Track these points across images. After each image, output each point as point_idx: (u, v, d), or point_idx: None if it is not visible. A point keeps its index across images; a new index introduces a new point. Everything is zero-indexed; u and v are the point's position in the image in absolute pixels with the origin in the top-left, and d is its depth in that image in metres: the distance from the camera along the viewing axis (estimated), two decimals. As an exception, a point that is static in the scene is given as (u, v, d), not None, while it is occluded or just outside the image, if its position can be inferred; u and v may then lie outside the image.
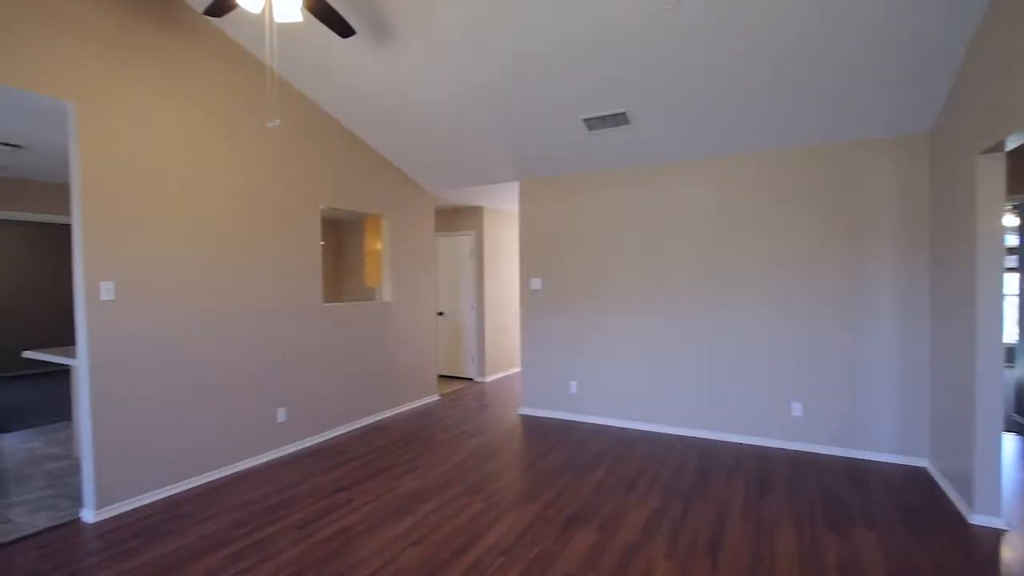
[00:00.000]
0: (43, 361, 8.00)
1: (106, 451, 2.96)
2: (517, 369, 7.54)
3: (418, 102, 3.98)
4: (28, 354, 3.77)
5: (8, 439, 4.53)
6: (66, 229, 8.24)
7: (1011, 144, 2.45)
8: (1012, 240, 5.46)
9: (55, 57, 2.71)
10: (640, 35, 2.99)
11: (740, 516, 2.90)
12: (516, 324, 7.51)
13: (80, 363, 2.90)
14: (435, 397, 5.80)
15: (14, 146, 3.62)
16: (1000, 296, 2.68)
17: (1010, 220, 5.46)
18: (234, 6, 2.50)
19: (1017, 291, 4.81)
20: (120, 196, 3.00)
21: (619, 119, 3.81)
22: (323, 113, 4.32)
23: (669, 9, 2.61)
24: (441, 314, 7.13)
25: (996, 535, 2.65)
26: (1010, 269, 5.19)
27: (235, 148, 3.64)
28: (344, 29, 2.75)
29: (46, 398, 6.20)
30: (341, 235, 7.64)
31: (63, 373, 7.93)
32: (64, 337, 8.12)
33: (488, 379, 6.82)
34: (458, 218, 6.96)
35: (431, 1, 2.97)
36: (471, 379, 6.90)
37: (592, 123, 3.91)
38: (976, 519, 2.76)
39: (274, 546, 2.61)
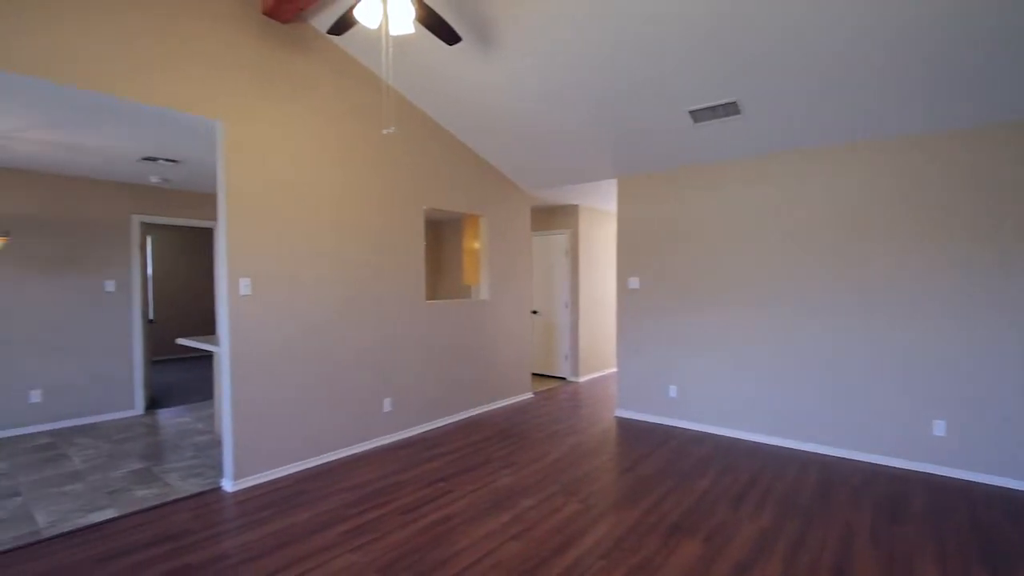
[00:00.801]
0: (191, 347, 9.19)
1: (242, 430, 3.33)
2: (612, 370, 7.40)
3: (515, 102, 4.03)
4: (181, 341, 4.35)
5: (164, 413, 5.26)
6: (206, 232, 9.40)
7: None
8: None
9: (208, 81, 3.09)
10: (755, 16, 2.79)
11: (869, 543, 2.60)
12: (611, 324, 7.37)
13: (223, 352, 3.29)
14: (529, 395, 5.85)
15: (174, 161, 4.19)
16: None
17: None
18: (354, 23, 2.69)
19: None
20: (254, 202, 3.36)
21: (729, 109, 3.59)
22: (426, 117, 4.53)
23: None
24: (535, 313, 7.18)
25: None
26: None
27: (349, 155, 3.92)
28: (451, 36, 2.85)
29: (194, 379, 7.12)
30: (438, 235, 7.97)
31: (207, 358, 9.07)
32: (203, 327, 9.27)
33: (582, 379, 6.75)
34: (553, 217, 6.97)
35: (529, 1, 2.99)
36: (564, 378, 6.88)
37: (699, 115, 3.72)
38: None
39: (384, 527, 2.78)
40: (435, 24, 2.74)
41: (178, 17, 2.96)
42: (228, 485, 3.30)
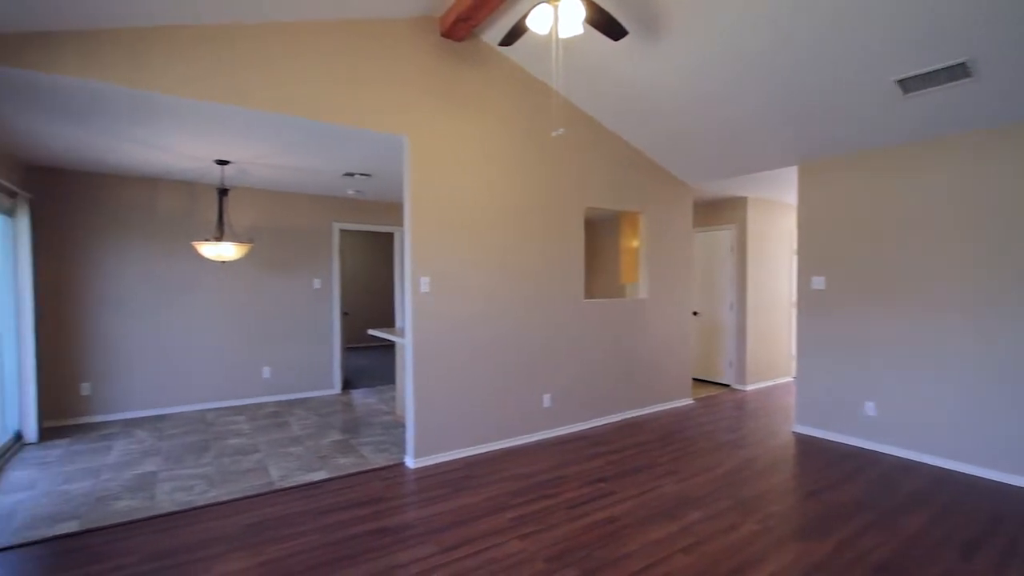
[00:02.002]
0: (377, 336, 10.50)
1: (422, 414, 3.69)
2: (787, 379, 6.65)
3: (682, 91, 3.83)
4: (372, 332, 4.98)
5: (355, 394, 6.08)
6: (388, 236, 10.62)
7: None
8: None
9: (395, 101, 3.49)
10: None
11: None
12: (785, 327, 6.62)
13: (407, 343, 3.69)
14: (689, 401, 5.54)
15: (367, 175, 4.83)
16: None
17: None
18: (524, 31, 2.80)
19: None
20: (433, 207, 3.70)
21: (954, 72, 2.97)
22: (587, 118, 4.54)
23: None
24: (696, 314, 6.77)
25: None
26: None
27: (516, 160, 4.11)
28: (618, 31, 2.81)
29: (376, 365, 8.12)
30: (592, 233, 7.94)
31: (387, 346, 10.28)
32: (383, 320, 10.50)
33: (748, 387, 6.19)
34: (717, 211, 6.49)
35: (707, -18, 2.81)
36: (728, 385, 6.37)
37: (910, 84, 3.14)
38: None
39: (549, 519, 2.86)
40: (602, 21, 2.73)
41: (369, 48, 3.38)
42: (410, 462, 3.69)
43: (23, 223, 4.13)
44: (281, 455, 3.94)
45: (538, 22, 2.51)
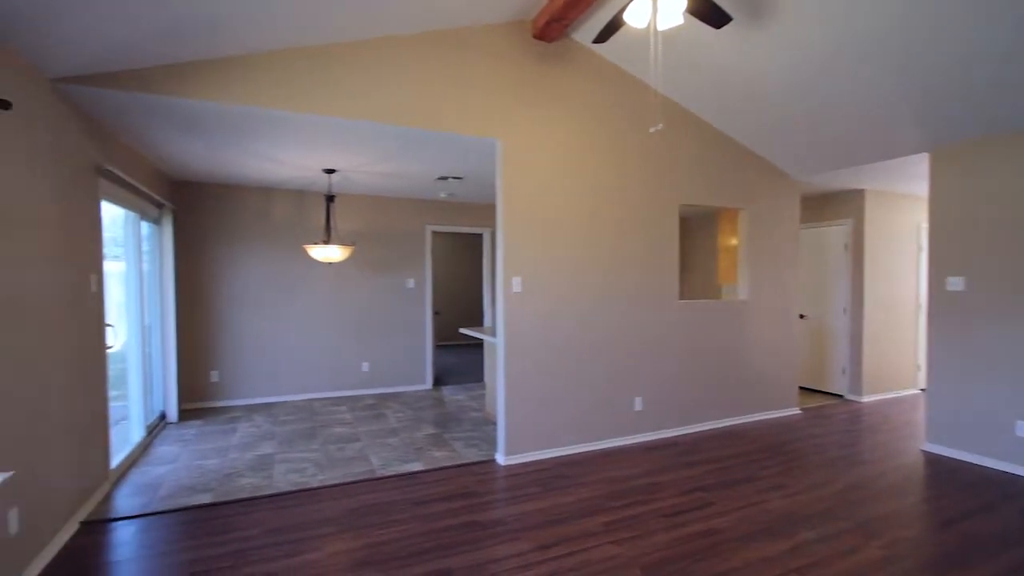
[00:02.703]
0: (463, 335, 10.82)
1: (513, 412, 3.73)
2: (912, 391, 5.95)
3: (790, 75, 3.55)
4: (463, 330, 5.12)
5: (445, 390, 6.29)
6: (476, 237, 10.89)
7: None
8: None
9: (487, 105, 3.56)
10: None
11: None
12: (910, 333, 5.93)
13: (499, 342, 3.75)
14: (795, 410, 5.12)
15: (459, 178, 4.98)
16: None
17: None
18: (620, 26, 2.74)
19: None
20: (524, 208, 3.72)
21: None
22: (684, 112, 4.36)
23: None
24: (803, 317, 6.25)
25: None
26: None
27: (607, 158, 4.03)
28: (720, 18, 2.66)
29: (464, 363, 8.35)
30: (685, 231, 7.61)
31: (475, 345, 10.54)
32: (471, 319, 10.77)
33: (865, 399, 5.60)
34: (828, 205, 5.95)
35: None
36: (840, 396, 5.82)
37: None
38: None
39: (644, 526, 2.76)
40: (704, 9, 2.59)
41: (463, 56, 3.47)
42: (501, 459, 3.75)
43: (167, 230, 4.73)
44: (380, 445, 4.16)
45: (636, 15, 2.44)
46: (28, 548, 2.27)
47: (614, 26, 2.74)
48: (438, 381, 6.77)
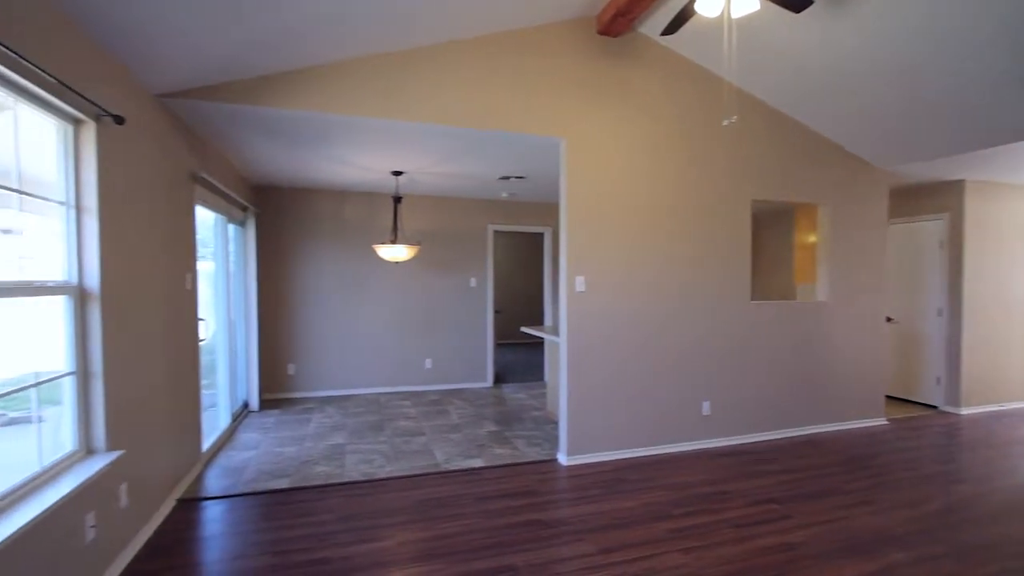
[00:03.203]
0: (524, 333, 10.86)
1: (575, 413, 3.70)
2: (1022, 404, 5.35)
3: (877, 62, 3.28)
4: (525, 329, 5.14)
5: (506, 388, 6.33)
6: (537, 236, 10.90)
7: None
8: None
9: (552, 104, 3.54)
10: None
11: None
12: (1020, 339, 5.33)
13: (561, 341, 3.73)
14: (881, 420, 4.74)
15: (521, 178, 5.00)
16: None
17: None
18: (691, 16, 2.64)
19: None
20: (588, 206, 3.68)
21: None
22: (757, 103, 4.14)
23: None
24: (890, 320, 5.77)
25: None
26: None
27: (675, 154, 3.91)
28: (801, 1, 2.50)
29: (524, 362, 8.38)
30: (757, 229, 7.23)
31: (534, 344, 10.56)
32: (531, 318, 10.79)
33: (964, 411, 5.09)
34: (921, 198, 5.46)
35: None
36: (934, 407, 5.32)
37: None
38: None
39: (713, 536, 2.65)
40: (784, -8, 2.45)
41: (527, 55, 3.47)
42: (563, 459, 3.73)
43: (251, 232, 5.07)
44: (443, 440, 4.26)
45: (707, 4, 2.34)
46: (136, 520, 2.52)
47: (684, 16, 2.65)
48: (499, 379, 6.83)
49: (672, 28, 2.79)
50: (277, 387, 5.68)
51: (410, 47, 3.19)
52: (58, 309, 2.10)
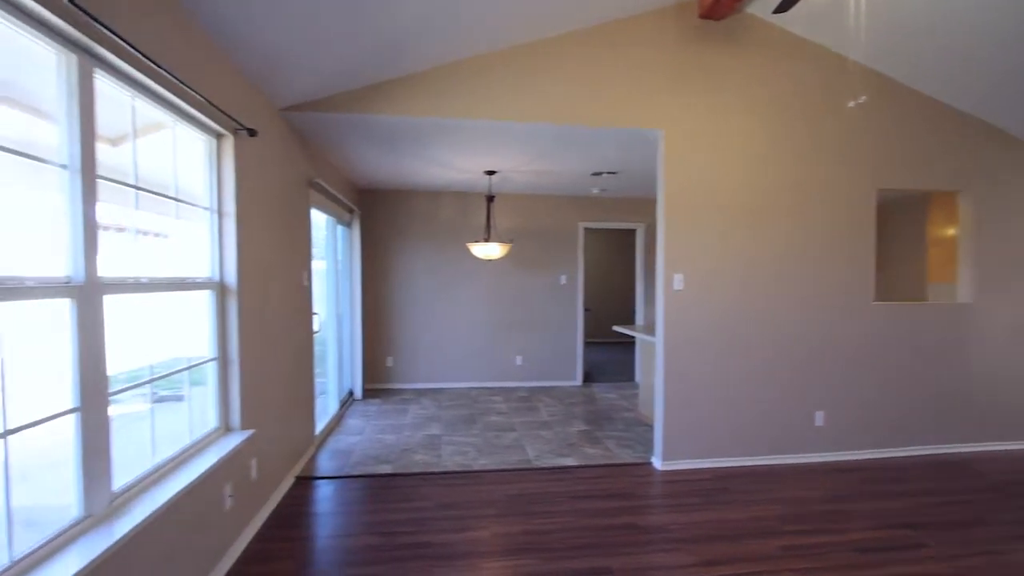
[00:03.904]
0: (615, 331, 10.67)
1: (671, 416, 3.55)
2: None
3: (1049, 22, 2.80)
4: (617, 328, 5.03)
5: (596, 387, 6.24)
6: (630, 233, 10.64)
7: None
8: None
9: (649, 95, 3.42)
10: None
11: None
12: None
13: (657, 341, 3.59)
14: (1041, 443, 4.07)
15: (613, 173, 4.89)
16: None
17: None
18: (809, -11, 2.42)
19: None
20: (687, 201, 3.51)
21: None
22: (882, 80, 3.71)
23: None
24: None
25: None
26: None
27: (785, 142, 3.62)
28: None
29: (614, 361, 8.21)
30: (882, 221, 6.48)
31: (625, 343, 10.32)
32: (622, 316, 10.55)
33: None
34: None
35: None
36: (1114, 430, 4.46)
37: None
38: None
39: (835, 560, 2.42)
40: (925, -48, 2.16)
41: (624, 46, 3.37)
42: (657, 463, 3.60)
43: (356, 232, 5.43)
44: (534, 436, 4.28)
45: (831, -27, 2.13)
46: (263, 493, 2.79)
47: (802, -9, 2.43)
48: (588, 378, 6.75)
49: (785, 5, 2.57)
50: (377, 378, 6.04)
51: (508, 46, 3.23)
52: (204, 303, 2.37)
